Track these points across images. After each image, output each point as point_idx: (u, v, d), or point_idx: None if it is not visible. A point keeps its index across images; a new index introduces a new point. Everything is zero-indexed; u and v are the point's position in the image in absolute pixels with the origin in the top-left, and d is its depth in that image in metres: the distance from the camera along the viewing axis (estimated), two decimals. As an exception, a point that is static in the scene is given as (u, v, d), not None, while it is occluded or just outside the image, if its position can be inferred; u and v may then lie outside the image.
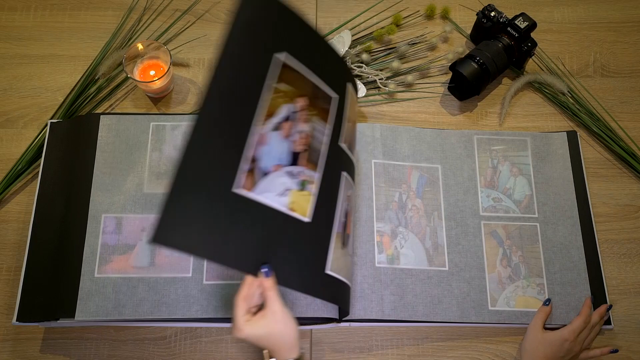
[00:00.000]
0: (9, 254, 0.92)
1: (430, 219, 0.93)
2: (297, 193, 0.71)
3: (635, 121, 1.05)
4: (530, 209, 0.95)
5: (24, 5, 1.12)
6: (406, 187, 0.95)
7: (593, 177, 1.00)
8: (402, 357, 0.88)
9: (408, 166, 0.96)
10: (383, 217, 0.92)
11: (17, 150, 0.99)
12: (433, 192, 0.95)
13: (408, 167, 0.96)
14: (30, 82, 1.05)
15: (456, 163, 0.98)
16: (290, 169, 0.71)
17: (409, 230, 0.92)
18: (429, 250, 0.91)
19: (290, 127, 0.71)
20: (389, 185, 0.94)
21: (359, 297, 0.86)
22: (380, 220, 0.92)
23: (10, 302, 0.89)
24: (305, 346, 0.88)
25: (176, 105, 1.04)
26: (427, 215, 0.93)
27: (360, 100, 1.04)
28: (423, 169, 0.96)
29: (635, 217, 0.97)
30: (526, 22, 1.01)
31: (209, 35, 1.10)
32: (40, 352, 0.86)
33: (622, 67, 1.09)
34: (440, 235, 0.92)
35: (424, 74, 1.08)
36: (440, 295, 0.88)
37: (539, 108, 1.06)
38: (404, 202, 0.93)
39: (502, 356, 0.88)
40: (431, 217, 0.93)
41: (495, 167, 0.98)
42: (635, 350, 0.89)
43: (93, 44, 1.08)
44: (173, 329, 0.88)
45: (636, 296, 0.92)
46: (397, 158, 0.96)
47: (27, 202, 0.96)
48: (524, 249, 0.93)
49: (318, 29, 0.77)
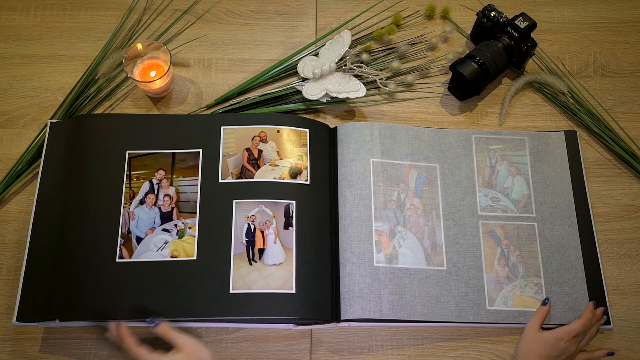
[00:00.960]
0: (9, 254, 0.92)
1: (429, 218, 0.93)
2: (177, 242, 0.88)
3: (635, 121, 1.05)
4: (528, 209, 0.95)
5: (24, 5, 1.12)
6: (404, 186, 0.95)
7: (593, 177, 1.00)
8: (402, 357, 0.88)
9: (406, 165, 0.96)
10: (381, 216, 0.92)
11: (17, 150, 0.99)
12: (431, 191, 0.95)
13: (406, 166, 0.96)
14: (30, 82, 1.05)
15: (454, 162, 0.98)
16: (164, 226, 0.89)
17: (407, 230, 0.92)
18: (427, 249, 0.91)
19: (153, 198, 0.91)
20: (387, 185, 0.94)
21: (357, 296, 0.86)
22: (379, 220, 0.92)
23: (10, 302, 0.89)
24: (305, 346, 0.88)
25: (176, 105, 1.04)
26: (426, 214, 0.93)
27: (360, 100, 1.04)
28: (421, 168, 0.96)
29: (635, 217, 0.97)
30: (526, 22, 1.01)
31: (209, 35, 1.10)
32: (40, 352, 0.86)
33: (622, 67, 1.09)
34: (438, 234, 0.92)
35: (424, 74, 1.08)
36: (439, 295, 0.88)
37: (539, 108, 1.06)
38: (403, 201, 0.93)
39: (501, 356, 0.88)
40: (429, 216, 0.93)
41: (493, 167, 0.98)
42: (635, 350, 0.89)
43: (93, 44, 1.08)
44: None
45: (636, 296, 0.92)
46: (395, 157, 0.96)
47: (27, 202, 0.96)
48: (522, 248, 0.93)
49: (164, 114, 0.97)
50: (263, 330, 0.89)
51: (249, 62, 1.08)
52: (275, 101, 1.04)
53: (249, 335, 0.88)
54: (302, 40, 1.10)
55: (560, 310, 0.89)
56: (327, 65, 1.01)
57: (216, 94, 1.05)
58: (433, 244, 0.92)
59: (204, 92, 1.05)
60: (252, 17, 1.12)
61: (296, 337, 0.88)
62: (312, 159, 0.94)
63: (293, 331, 0.89)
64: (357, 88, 1.00)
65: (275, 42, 1.10)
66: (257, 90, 1.06)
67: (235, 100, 1.04)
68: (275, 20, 1.12)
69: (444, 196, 0.95)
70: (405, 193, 0.94)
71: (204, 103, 1.04)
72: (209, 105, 1.03)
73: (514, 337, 0.89)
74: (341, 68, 1.03)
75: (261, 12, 1.13)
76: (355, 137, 0.96)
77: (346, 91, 1.00)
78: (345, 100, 1.03)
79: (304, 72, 1.04)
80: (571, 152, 1.00)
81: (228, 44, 1.10)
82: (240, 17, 1.12)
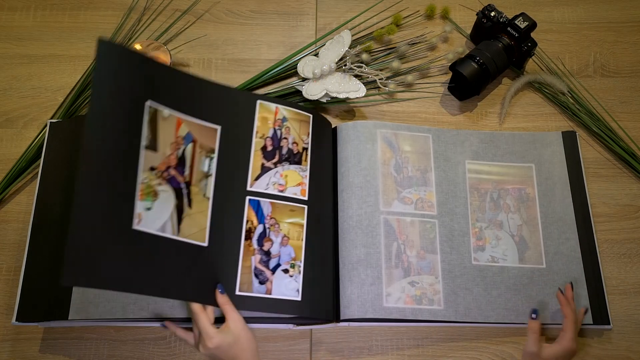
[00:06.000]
0: (9, 254, 0.92)
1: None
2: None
3: (635, 121, 1.05)
4: None
5: (24, 5, 1.12)
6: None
7: (593, 177, 1.00)
8: (402, 357, 0.88)
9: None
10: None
11: (17, 150, 0.99)
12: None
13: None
14: (30, 82, 1.05)
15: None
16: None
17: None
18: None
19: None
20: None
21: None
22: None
23: (10, 302, 0.89)
24: (305, 346, 0.88)
25: (176, 105, 1.04)
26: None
27: (360, 100, 1.04)
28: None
29: (635, 217, 0.97)
30: (526, 22, 1.01)
31: (209, 35, 1.10)
32: (39, 352, 0.86)
33: (622, 67, 1.09)
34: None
35: (424, 74, 1.08)
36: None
37: (539, 108, 1.06)
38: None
39: (502, 356, 0.88)
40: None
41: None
42: (635, 350, 0.88)
43: (93, 44, 1.08)
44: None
45: (636, 296, 0.92)
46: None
47: (27, 202, 0.96)
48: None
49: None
50: (263, 330, 0.89)
51: (249, 62, 1.08)
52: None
53: (249, 335, 0.88)
54: (302, 40, 1.10)
55: (560, 311, 0.89)
56: (327, 65, 1.01)
57: (216, 94, 1.05)
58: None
59: (204, 92, 1.05)
60: (252, 17, 1.12)
61: (296, 337, 0.88)
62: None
63: (293, 331, 0.89)
64: (357, 88, 1.00)
65: (275, 42, 1.10)
66: (257, 90, 1.06)
67: (235, 100, 1.04)
68: (275, 20, 1.12)
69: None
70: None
71: (204, 103, 1.04)
72: (209, 105, 1.03)
73: (514, 337, 0.89)
74: (341, 68, 1.03)
75: (261, 12, 1.13)
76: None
77: (346, 91, 1.00)
78: (345, 100, 1.03)
79: (304, 72, 1.04)
80: (570, 152, 1.00)
81: (228, 44, 1.10)
82: (240, 17, 1.12)
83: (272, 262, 0.85)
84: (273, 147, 0.91)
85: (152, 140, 0.79)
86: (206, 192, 0.84)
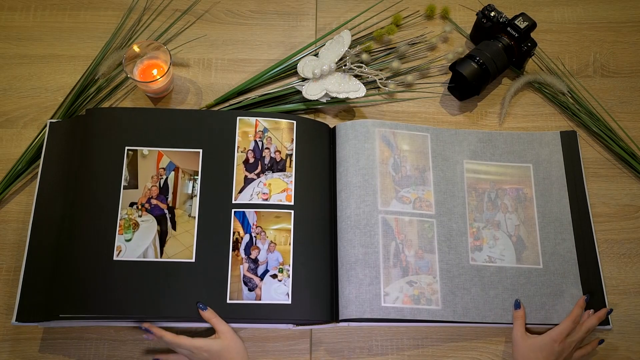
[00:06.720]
0: (9, 254, 0.92)
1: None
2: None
3: (635, 121, 1.05)
4: None
5: (24, 5, 1.12)
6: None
7: (593, 177, 1.00)
8: (402, 357, 0.88)
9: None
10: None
11: (17, 150, 0.99)
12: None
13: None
14: (30, 82, 1.05)
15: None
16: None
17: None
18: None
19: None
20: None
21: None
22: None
23: (10, 302, 0.89)
24: (305, 346, 0.88)
25: (176, 105, 1.04)
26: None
27: (360, 100, 1.04)
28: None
29: (635, 217, 0.97)
30: (526, 22, 1.01)
31: (208, 35, 1.10)
32: (39, 352, 0.86)
33: (622, 67, 1.09)
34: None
35: (424, 74, 1.08)
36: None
37: (539, 108, 1.06)
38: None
39: (501, 356, 0.88)
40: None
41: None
42: (635, 350, 0.89)
43: (93, 44, 1.08)
44: (173, 329, 0.88)
45: (636, 296, 0.92)
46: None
47: (26, 202, 0.96)
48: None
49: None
50: (263, 330, 0.89)
51: (248, 62, 1.08)
52: (275, 101, 1.04)
53: (249, 335, 0.88)
54: (302, 40, 1.10)
55: (560, 311, 0.89)
56: (327, 65, 1.01)
57: (216, 94, 1.05)
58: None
59: (204, 92, 1.05)
60: (252, 17, 1.12)
61: (296, 337, 0.88)
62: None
63: (293, 331, 0.89)
64: (357, 88, 1.00)
65: (275, 42, 1.10)
66: (257, 91, 1.06)
67: (235, 101, 1.04)
68: (275, 20, 1.12)
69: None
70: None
71: (203, 103, 1.04)
72: (208, 106, 1.03)
73: (514, 337, 0.89)
74: (341, 68, 1.03)
75: (261, 12, 1.13)
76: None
77: (346, 91, 1.00)
78: (345, 100, 1.03)
79: (303, 72, 1.04)
80: (568, 153, 1.00)
81: (228, 44, 1.10)
82: (240, 17, 1.12)
83: (260, 269, 0.87)
84: (255, 159, 0.93)
85: (131, 180, 0.89)
86: (191, 212, 0.89)
